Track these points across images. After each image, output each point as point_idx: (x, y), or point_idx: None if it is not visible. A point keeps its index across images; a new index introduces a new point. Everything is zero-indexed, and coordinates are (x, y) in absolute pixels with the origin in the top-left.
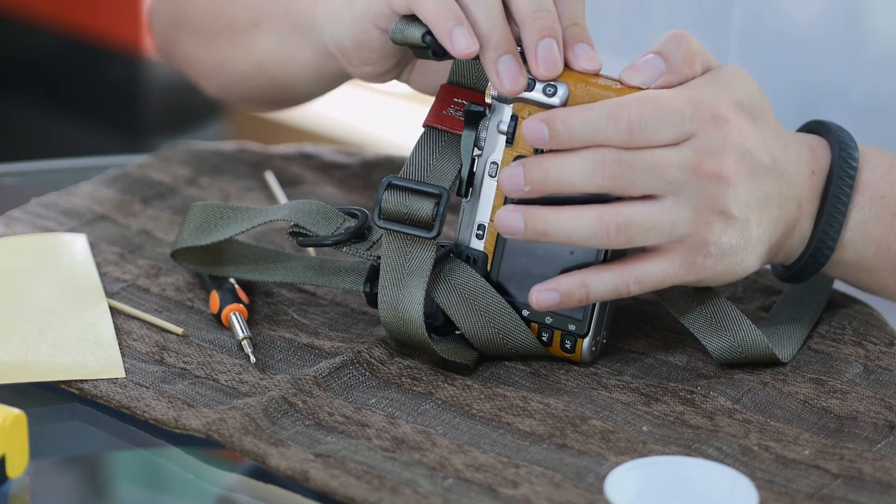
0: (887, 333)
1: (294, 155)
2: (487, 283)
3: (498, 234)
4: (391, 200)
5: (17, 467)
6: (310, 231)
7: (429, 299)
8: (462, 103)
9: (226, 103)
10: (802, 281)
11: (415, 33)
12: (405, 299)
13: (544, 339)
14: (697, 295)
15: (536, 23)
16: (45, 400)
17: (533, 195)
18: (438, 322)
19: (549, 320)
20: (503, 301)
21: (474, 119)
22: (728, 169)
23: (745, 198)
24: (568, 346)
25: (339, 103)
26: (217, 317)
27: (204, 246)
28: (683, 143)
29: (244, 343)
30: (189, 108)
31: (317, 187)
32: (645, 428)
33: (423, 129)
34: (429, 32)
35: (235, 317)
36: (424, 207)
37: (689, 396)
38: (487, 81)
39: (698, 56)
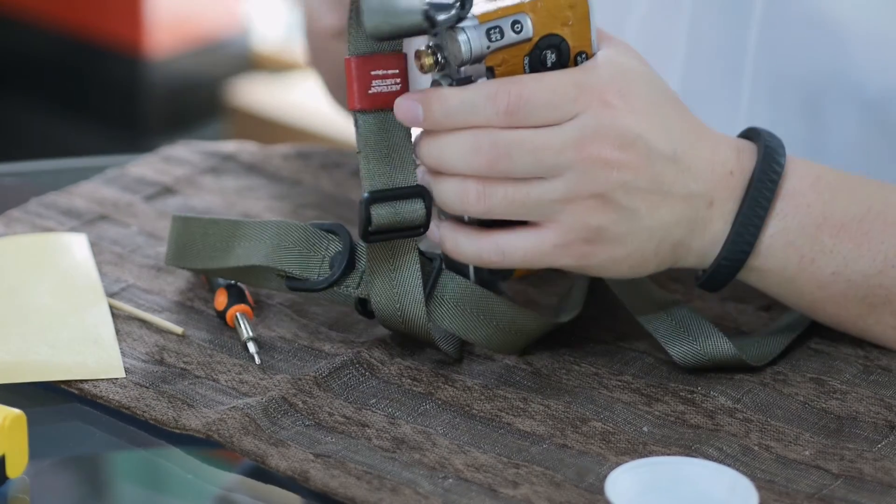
0: None
1: (294, 155)
2: (482, 288)
3: None
4: (382, 215)
5: (17, 467)
6: (295, 275)
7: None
8: (385, 74)
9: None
10: (719, 288)
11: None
12: (406, 305)
13: None
14: (663, 303)
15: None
16: (45, 400)
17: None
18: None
19: None
20: (500, 299)
21: None
22: (612, 153)
23: (634, 184)
24: None
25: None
26: (221, 314)
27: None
28: (567, 123)
29: (249, 344)
30: (189, 108)
31: (316, 187)
32: (645, 429)
33: (355, 116)
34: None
35: (241, 317)
36: (417, 209)
37: (689, 396)
38: (399, 43)
39: None
